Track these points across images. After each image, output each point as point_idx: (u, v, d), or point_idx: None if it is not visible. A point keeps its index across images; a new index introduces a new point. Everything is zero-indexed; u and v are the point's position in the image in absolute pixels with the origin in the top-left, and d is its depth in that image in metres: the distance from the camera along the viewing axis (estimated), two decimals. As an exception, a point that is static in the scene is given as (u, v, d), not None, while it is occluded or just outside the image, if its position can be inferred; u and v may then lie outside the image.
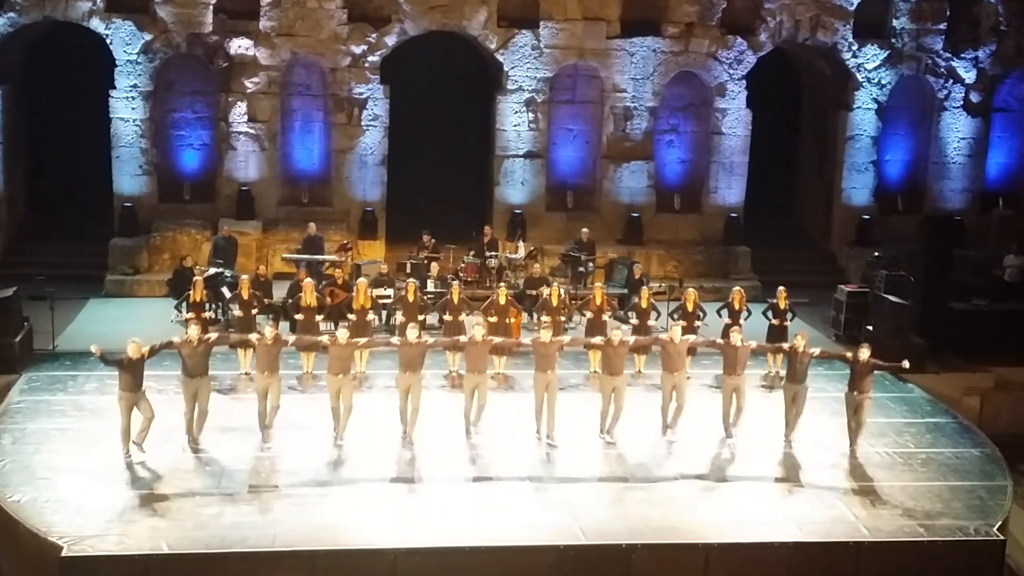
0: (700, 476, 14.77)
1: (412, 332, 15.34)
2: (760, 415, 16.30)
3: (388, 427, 15.54)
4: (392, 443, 15.25)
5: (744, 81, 25.09)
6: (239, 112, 24.04)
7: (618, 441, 15.62)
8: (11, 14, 23.11)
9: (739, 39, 24.90)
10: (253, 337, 15.49)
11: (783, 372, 17.28)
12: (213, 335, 15.56)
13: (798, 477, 14.90)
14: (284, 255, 22.78)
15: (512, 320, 18.34)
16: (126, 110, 23.75)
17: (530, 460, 15.03)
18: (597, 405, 15.95)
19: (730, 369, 15.70)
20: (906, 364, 15.66)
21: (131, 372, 14.25)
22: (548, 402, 15.52)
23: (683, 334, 16.25)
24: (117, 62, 23.55)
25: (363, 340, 16.18)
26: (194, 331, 14.90)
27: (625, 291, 21.28)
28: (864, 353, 15.45)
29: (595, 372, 18.05)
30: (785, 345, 16.23)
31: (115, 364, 14.32)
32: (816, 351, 15.89)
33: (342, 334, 15.28)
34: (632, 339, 16.66)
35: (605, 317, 18.10)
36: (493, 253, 22.56)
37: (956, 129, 26.20)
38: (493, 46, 24.41)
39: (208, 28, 23.61)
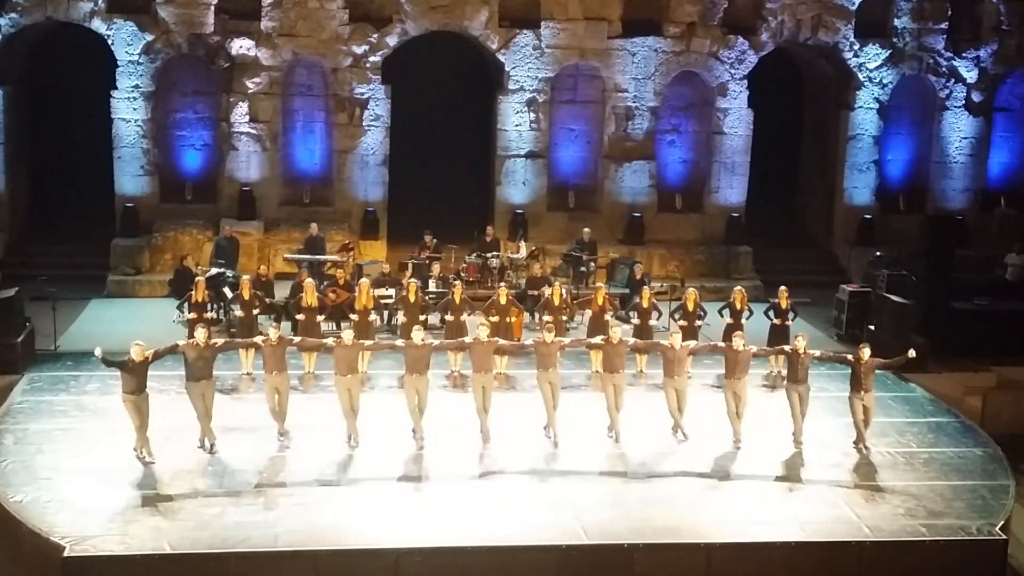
0: (702, 475, 14.77)
1: (418, 334, 15.34)
2: (762, 414, 16.29)
3: (389, 427, 15.54)
4: (393, 443, 15.24)
5: (745, 81, 25.09)
6: (240, 112, 24.05)
7: (620, 439, 15.62)
8: (13, 15, 23.14)
9: (740, 39, 24.90)
10: (259, 339, 15.48)
11: (784, 372, 17.28)
12: (219, 340, 15.53)
13: (800, 477, 14.90)
14: (286, 255, 22.78)
15: (513, 320, 18.34)
16: (128, 110, 23.77)
17: (532, 460, 15.03)
18: (599, 404, 15.96)
19: (731, 372, 15.68)
20: (912, 353, 15.67)
21: (134, 375, 14.21)
22: (553, 399, 15.57)
23: (684, 334, 16.25)
24: (119, 63, 23.57)
25: (369, 342, 16.18)
26: (201, 334, 14.85)
27: (627, 291, 21.27)
28: (866, 352, 15.46)
29: (596, 372, 18.05)
30: (787, 347, 16.20)
31: (118, 366, 14.30)
32: (817, 352, 15.90)
33: (348, 335, 15.26)
34: (632, 339, 16.69)
35: (607, 317, 18.09)
36: (495, 253, 22.55)
37: (958, 128, 26.21)
38: (494, 46, 24.42)
39: (209, 28, 23.62)
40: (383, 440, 15.31)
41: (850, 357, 15.74)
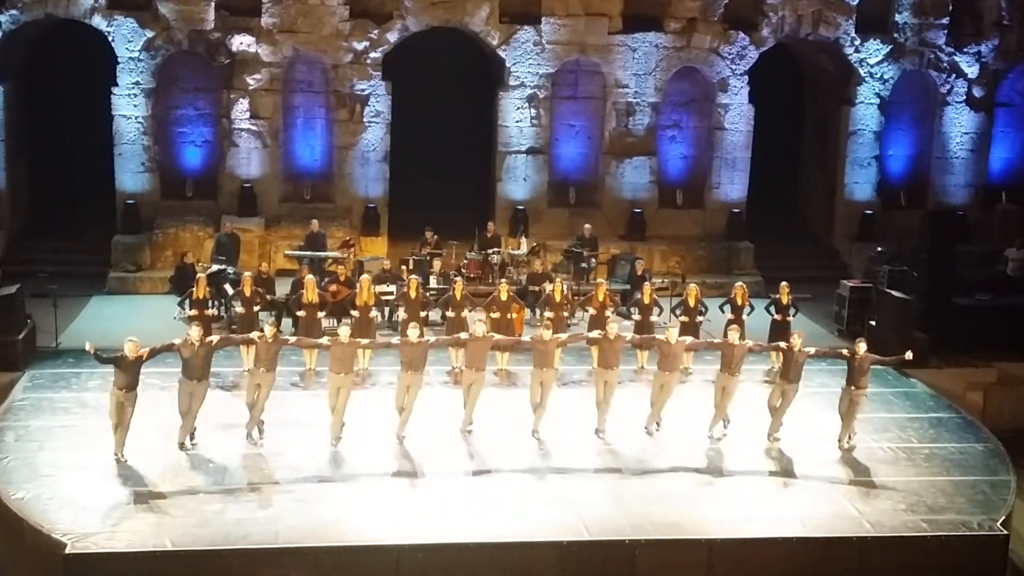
0: (702, 471, 14.77)
1: (414, 332, 15.32)
2: (762, 411, 16.27)
3: (390, 423, 15.54)
4: (394, 440, 15.25)
5: (746, 76, 25.07)
6: (241, 109, 24.04)
7: (613, 435, 15.62)
8: (13, 11, 23.13)
9: (741, 34, 24.88)
10: (255, 335, 15.46)
11: (784, 368, 17.28)
12: (215, 337, 15.46)
13: (801, 472, 14.90)
14: (287, 252, 22.78)
15: (514, 316, 18.35)
16: (128, 107, 23.76)
17: (532, 456, 15.03)
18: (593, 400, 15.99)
19: (726, 367, 15.68)
20: (909, 355, 15.67)
21: (126, 371, 14.18)
22: (541, 398, 15.55)
23: (685, 330, 16.26)
24: (119, 59, 23.55)
25: (365, 340, 16.16)
26: (195, 332, 14.78)
27: (627, 287, 21.30)
28: (862, 347, 15.45)
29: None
30: (782, 344, 16.18)
31: (109, 362, 14.24)
32: (812, 350, 15.85)
33: (344, 332, 15.25)
34: (629, 335, 16.72)
35: (607, 313, 18.08)
36: (495, 249, 22.55)
37: (959, 124, 26.20)
38: (495, 42, 24.40)
39: (210, 25, 23.61)
40: (383, 436, 15.30)
41: (846, 352, 15.73)
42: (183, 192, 24.47)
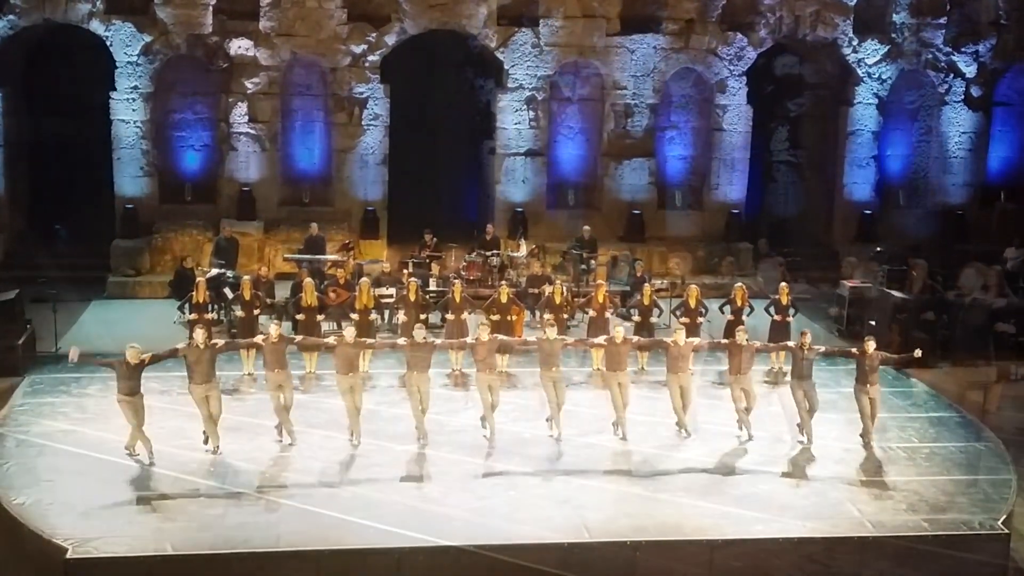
0: (704, 472, 14.75)
1: (419, 333, 15.32)
2: (764, 410, 16.29)
3: (390, 426, 15.55)
4: (396, 442, 15.24)
5: (744, 77, 25.08)
6: (240, 113, 24.04)
7: (627, 437, 15.62)
8: (11, 16, 23.14)
9: (739, 35, 24.89)
10: (259, 338, 15.46)
11: (786, 367, 17.28)
12: (220, 341, 15.47)
13: (802, 472, 14.90)
14: (286, 255, 22.79)
15: (514, 318, 18.34)
16: (127, 112, 23.77)
17: (534, 458, 15.01)
18: (602, 402, 15.96)
19: (736, 368, 15.66)
20: (918, 353, 15.68)
21: (129, 377, 14.19)
22: (557, 398, 15.53)
23: (685, 330, 16.25)
24: (117, 64, 23.56)
25: (371, 340, 16.16)
26: (200, 335, 14.79)
27: (627, 288, 21.29)
28: (871, 346, 15.43)
29: (598, 369, 18.04)
30: (791, 343, 16.17)
31: (107, 365, 14.32)
32: (821, 348, 15.87)
33: (349, 333, 15.26)
34: (635, 338, 16.71)
35: (607, 315, 18.09)
36: (495, 251, 22.55)
37: (957, 123, 26.22)
38: (493, 44, 24.40)
39: (208, 29, 23.61)
40: (385, 439, 15.30)
41: (855, 351, 15.72)
42: (182, 196, 24.47)
